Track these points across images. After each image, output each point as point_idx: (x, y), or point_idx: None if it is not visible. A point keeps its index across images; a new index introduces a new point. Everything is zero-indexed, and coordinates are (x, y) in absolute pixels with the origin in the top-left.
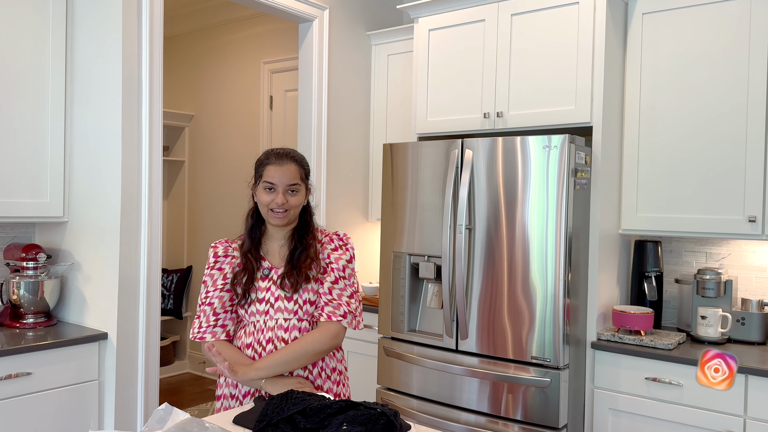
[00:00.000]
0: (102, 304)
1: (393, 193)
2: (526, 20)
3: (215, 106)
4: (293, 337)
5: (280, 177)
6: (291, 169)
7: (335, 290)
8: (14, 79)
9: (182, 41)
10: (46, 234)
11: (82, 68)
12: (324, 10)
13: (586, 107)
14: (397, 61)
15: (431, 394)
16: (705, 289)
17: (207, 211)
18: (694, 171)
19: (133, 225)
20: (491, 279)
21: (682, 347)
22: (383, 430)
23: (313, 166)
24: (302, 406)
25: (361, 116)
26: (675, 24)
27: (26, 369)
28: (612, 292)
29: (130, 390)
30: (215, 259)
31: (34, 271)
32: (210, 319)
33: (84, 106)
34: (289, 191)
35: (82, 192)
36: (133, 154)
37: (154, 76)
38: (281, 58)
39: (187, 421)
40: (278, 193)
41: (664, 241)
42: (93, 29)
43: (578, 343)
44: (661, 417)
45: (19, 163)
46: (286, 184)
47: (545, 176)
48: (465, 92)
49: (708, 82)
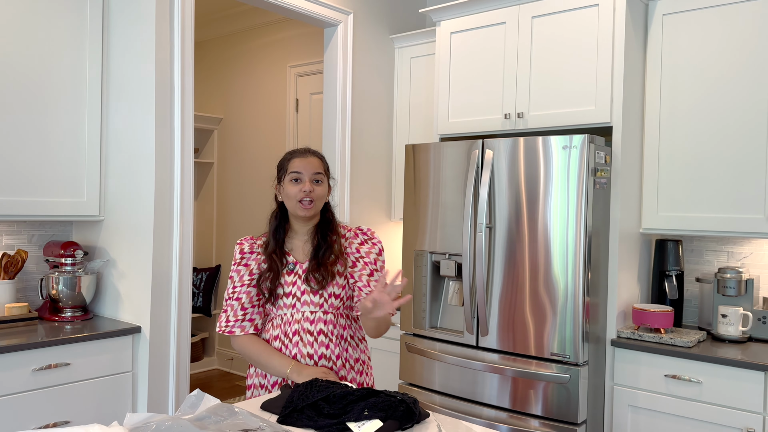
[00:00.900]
0: (136, 299)
1: (415, 192)
2: (547, 22)
3: (243, 109)
4: (318, 329)
5: (305, 166)
6: (314, 161)
7: (372, 283)
8: (54, 85)
9: (212, 46)
10: (84, 232)
11: (117, 72)
12: (348, 14)
13: (606, 107)
14: (419, 64)
15: (453, 389)
16: (726, 288)
17: (235, 212)
18: (715, 170)
19: (166, 223)
20: (511, 276)
21: (702, 345)
22: (403, 417)
23: (337, 166)
24: (326, 393)
25: (384, 118)
26: (695, 24)
27: (65, 360)
28: (633, 291)
29: (162, 381)
30: (241, 256)
31: (71, 267)
32: (238, 314)
33: (119, 109)
34: (314, 180)
35: (118, 192)
36: (166, 155)
37: (185, 79)
38: (307, 62)
39: (218, 406)
40: (305, 182)
41: (686, 240)
42: (127, 35)
43: (598, 341)
44: (680, 414)
45: (58, 164)
46: (311, 172)
47: (565, 176)
48: (486, 93)
49: (728, 81)
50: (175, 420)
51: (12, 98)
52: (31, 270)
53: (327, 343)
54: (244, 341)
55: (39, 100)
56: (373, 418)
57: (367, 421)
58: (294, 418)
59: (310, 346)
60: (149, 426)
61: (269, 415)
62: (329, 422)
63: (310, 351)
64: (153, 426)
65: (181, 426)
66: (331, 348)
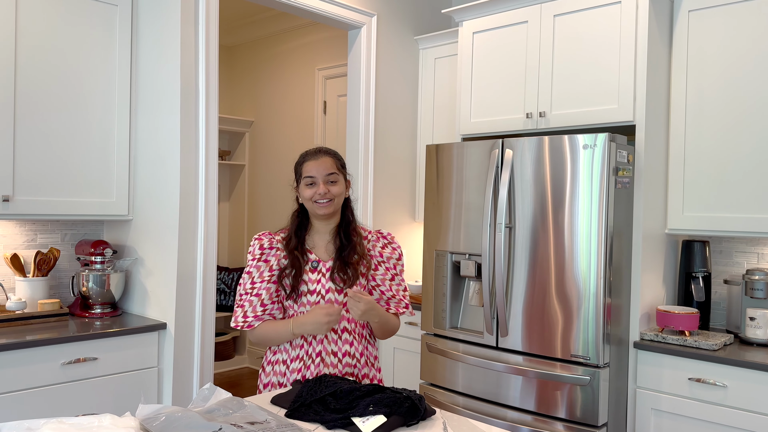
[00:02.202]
0: (162, 297)
1: (437, 193)
2: (569, 21)
3: (273, 111)
4: (342, 327)
5: (317, 169)
6: (326, 160)
7: (394, 287)
8: (85, 88)
9: (242, 51)
10: (113, 231)
11: (145, 76)
12: (372, 16)
13: (628, 106)
14: (443, 64)
15: (475, 391)
16: (754, 290)
17: (265, 213)
18: (743, 169)
19: (191, 224)
20: (532, 277)
21: (728, 348)
22: (408, 413)
23: (361, 168)
24: (334, 389)
25: (408, 119)
26: (722, 20)
27: (93, 354)
28: (658, 293)
29: (187, 377)
30: (261, 252)
31: (101, 265)
32: (257, 309)
33: (147, 112)
34: (329, 181)
35: (145, 192)
36: (191, 157)
37: (210, 82)
38: (334, 65)
39: (228, 399)
40: (319, 185)
41: (714, 241)
42: (154, 40)
43: (620, 343)
44: (704, 418)
45: (89, 165)
46: (324, 174)
47: (587, 175)
48: (508, 93)
49: (756, 77)
50: (184, 412)
51: (46, 102)
52: (63, 268)
53: (351, 340)
54: (260, 327)
55: (71, 103)
56: (377, 414)
57: (372, 416)
58: (301, 412)
59: (334, 344)
60: (159, 417)
61: (278, 409)
62: (335, 417)
63: (335, 348)
64: (163, 417)
65: (190, 417)
66: (355, 345)
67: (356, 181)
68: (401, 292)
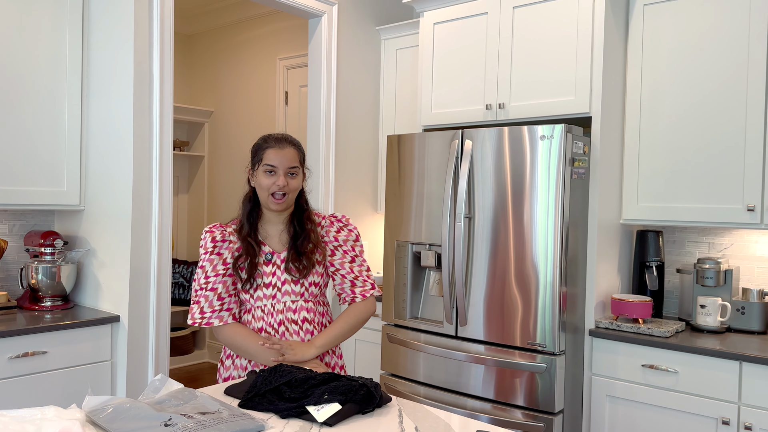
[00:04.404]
0: (115, 289)
1: (398, 183)
2: (528, 12)
3: (233, 101)
4: (302, 317)
5: (280, 160)
6: (290, 152)
7: (355, 268)
8: (33, 76)
9: (202, 39)
10: (64, 221)
11: (97, 63)
12: (333, 5)
13: (585, 97)
14: (405, 55)
15: (436, 380)
16: (705, 279)
17: (225, 205)
18: (695, 160)
19: (144, 215)
20: (491, 266)
21: (680, 335)
22: (363, 400)
23: (322, 158)
24: (288, 378)
25: (370, 110)
26: (676, 14)
27: (42, 348)
28: (613, 282)
29: (141, 371)
30: (213, 245)
31: (51, 256)
32: (214, 305)
33: (99, 100)
34: (289, 174)
35: (97, 182)
36: (145, 146)
37: (165, 71)
38: (296, 54)
39: (179, 390)
40: (279, 176)
41: (668, 231)
42: (107, 25)
43: (576, 331)
44: (657, 404)
45: (38, 154)
46: (286, 166)
47: (544, 166)
48: (468, 84)
49: (708, 70)
50: (133, 403)
51: None
52: (11, 259)
53: (312, 330)
54: (229, 331)
55: (19, 91)
56: (332, 402)
57: (327, 404)
58: (255, 402)
59: (296, 335)
60: (106, 409)
61: (231, 400)
62: (289, 406)
63: (297, 339)
64: (110, 409)
65: (139, 409)
66: (317, 335)
67: (317, 172)
68: (364, 272)
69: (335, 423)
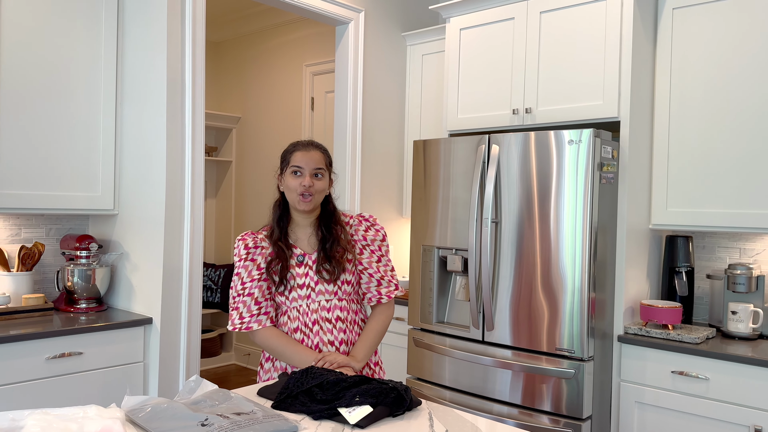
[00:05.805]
0: (148, 291)
1: (424, 188)
2: (555, 17)
3: (261, 108)
4: (335, 316)
5: (307, 161)
6: (316, 154)
7: (381, 268)
8: (69, 83)
9: (230, 46)
10: (99, 225)
11: (131, 70)
12: (359, 12)
13: (613, 102)
14: (431, 61)
15: (462, 385)
16: (736, 284)
17: (252, 209)
18: (726, 165)
19: (177, 218)
20: (518, 271)
21: (711, 342)
22: (393, 403)
23: (348, 164)
24: (320, 380)
25: (396, 115)
26: (705, 18)
27: (78, 349)
28: (642, 287)
29: (173, 372)
30: (247, 251)
31: (86, 259)
32: (252, 309)
33: (133, 106)
34: (314, 175)
35: (131, 187)
36: (177, 152)
37: (196, 77)
38: (322, 61)
39: (214, 391)
40: (305, 176)
41: (697, 236)
42: (141, 34)
43: (605, 336)
44: (686, 411)
45: (74, 159)
46: (312, 167)
47: (572, 171)
48: (495, 89)
49: (739, 74)
50: (170, 403)
51: (30, 95)
52: (48, 262)
53: (344, 328)
54: (265, 334)
55: (55, 98)
56: (363, 404)
57: (358, 406)
58: (288, 403)
59: (330, 333)
60: (145, 408)
61: (264, 401)
62: (321, 407)
63: (331, 338)
64: (148, 408)
65: (176, 409)
66: (348, 333)
67: (344, 177)
68: (389, 272)
69: (367, 425)
